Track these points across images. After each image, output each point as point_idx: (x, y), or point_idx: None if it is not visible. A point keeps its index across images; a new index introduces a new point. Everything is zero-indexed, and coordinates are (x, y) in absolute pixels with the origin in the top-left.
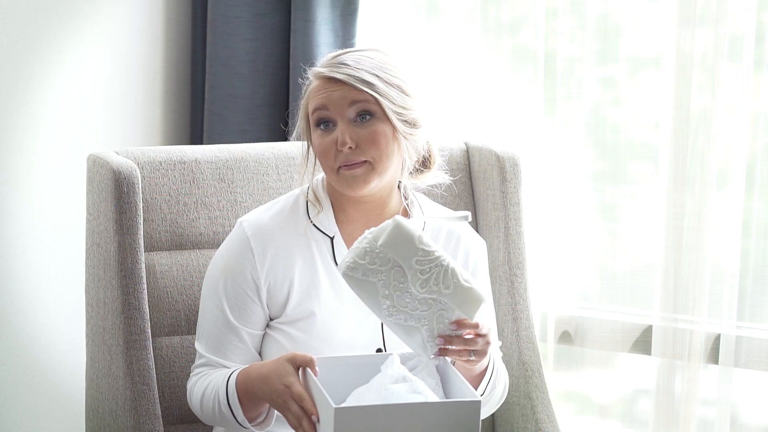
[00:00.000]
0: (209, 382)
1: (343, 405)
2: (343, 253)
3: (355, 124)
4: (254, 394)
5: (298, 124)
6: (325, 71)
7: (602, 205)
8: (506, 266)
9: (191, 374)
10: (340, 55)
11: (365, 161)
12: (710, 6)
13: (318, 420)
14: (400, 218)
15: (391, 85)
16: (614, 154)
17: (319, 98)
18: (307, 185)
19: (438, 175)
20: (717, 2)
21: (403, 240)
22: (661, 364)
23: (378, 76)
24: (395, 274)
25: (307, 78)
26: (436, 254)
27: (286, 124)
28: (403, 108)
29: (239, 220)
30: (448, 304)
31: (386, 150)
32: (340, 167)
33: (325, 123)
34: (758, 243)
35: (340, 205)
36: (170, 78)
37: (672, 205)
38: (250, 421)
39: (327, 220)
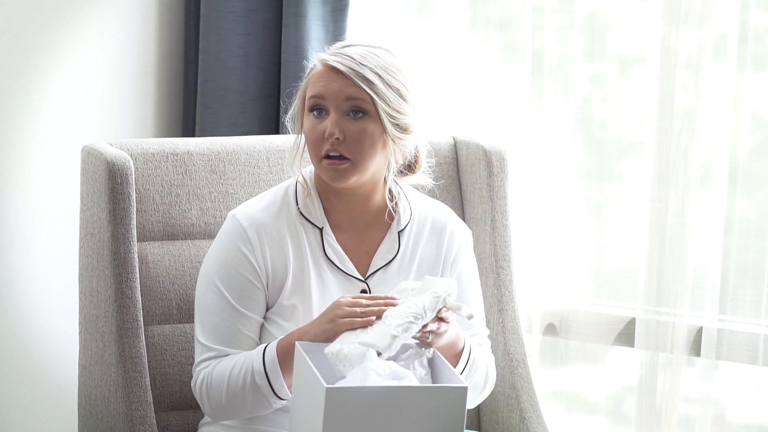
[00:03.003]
0: (235, 362)
1: (334, 385)
2: (332, 243)
3: (347, 118)
4: (308, 339)
5: (294, 104)
6: (330, 59)
7: (588, 200)
8: (492, 258)
9: (197, 371)
10: (348, 46)
11: (347, 159)
12: (694, 5)
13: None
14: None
15: (390, 86)
16: (601, 150)
17: (318, 86)
18: (296, 177)
19: (421, 178)
20: (701, 2)
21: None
22: (645, 357)
23: (379, 76)
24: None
25: (312, 62)
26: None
27: (278, 118)
28: (398, 112)
29: (231, 213)
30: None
31: (370, 150)
32: (322, 158)
33: (318, 110)
34: (740, 239)
35: (326, 195)
36: (163, 71)
37: (656, 201)
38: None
39: (315, 211)
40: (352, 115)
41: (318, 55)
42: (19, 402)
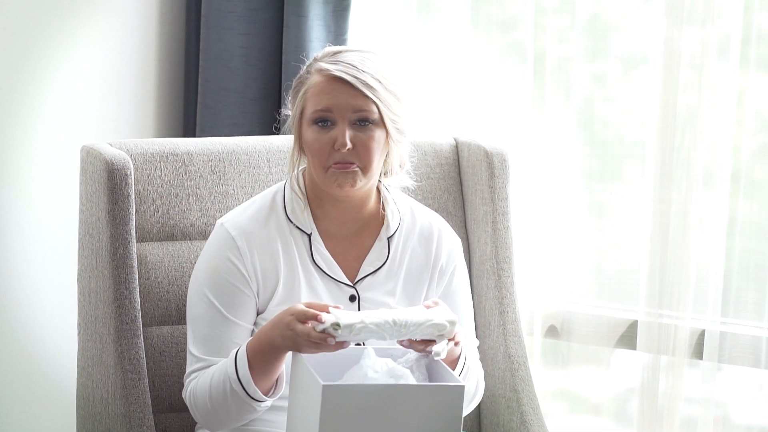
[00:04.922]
0: (214, 371)
1: (331, 383)
2: (321, 249)
3: (354, 127)
4: (272, 345)
5: (292, 114)
6: (332, 70)
7: (590, 201)
8: (493, 260)
9: (187, 382)
10: (341, 52)
11: (355, 165)
12: (698, 5)
13: (324, 317)
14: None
15: (389, 91)
16: (603, 151)
17: (323, 99)
18: (284, 182)
19: (403, 179)
20: (704, 2)
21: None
22: (647, 360)
23: (379, 81)
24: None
25: (307, 71)
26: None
27: (278, 118)
28: (397, 116)
29: (219, 221)
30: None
31: (376, 155)
32: (330, 166)
33: (324, 121)
34: (743, 241)
35: (318, 201)
36: (164, 71)
37: (658, 202)
38: (264, 393)
39: (304, 217)
40: (359, 123)
41: (316, 65)
42: (17, 402)
